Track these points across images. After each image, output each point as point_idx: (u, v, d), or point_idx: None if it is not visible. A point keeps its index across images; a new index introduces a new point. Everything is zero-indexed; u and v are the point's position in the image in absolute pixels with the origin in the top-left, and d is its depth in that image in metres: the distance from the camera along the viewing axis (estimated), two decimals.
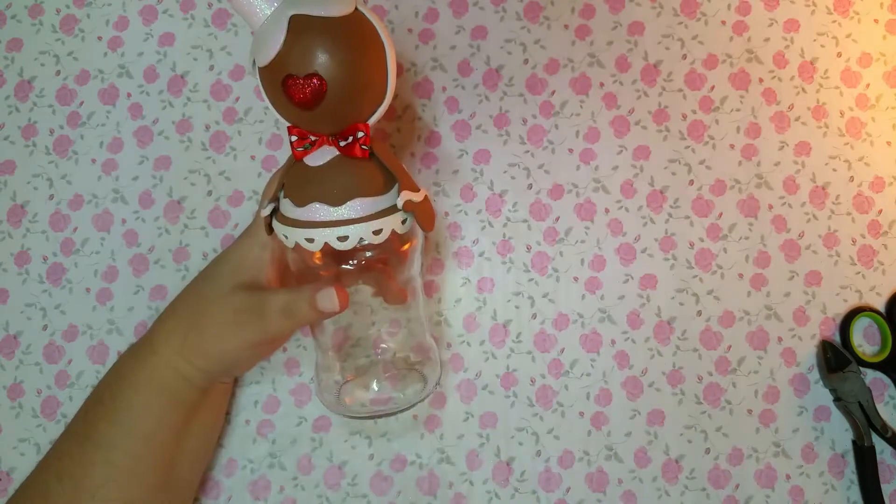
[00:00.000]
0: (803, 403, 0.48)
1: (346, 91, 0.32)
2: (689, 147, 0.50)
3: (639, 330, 0.49)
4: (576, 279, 0.49)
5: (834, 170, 0.50)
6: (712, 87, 0.51)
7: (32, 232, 0.50)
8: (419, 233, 0.39)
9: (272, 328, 0.37)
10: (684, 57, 0.51)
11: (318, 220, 0.34)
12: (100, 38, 0.52)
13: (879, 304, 0.48)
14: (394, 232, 0.35)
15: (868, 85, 0.50)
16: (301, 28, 0.32)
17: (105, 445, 0.39)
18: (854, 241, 0.49)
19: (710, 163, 0.50)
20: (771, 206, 0.49)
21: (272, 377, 0.48)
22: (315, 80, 0.32)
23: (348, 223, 0.34)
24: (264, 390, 0.48)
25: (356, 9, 0.33)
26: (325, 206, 0.34)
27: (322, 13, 0.32)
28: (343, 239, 0.34)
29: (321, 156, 0.35)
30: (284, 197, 0.36)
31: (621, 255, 0.49)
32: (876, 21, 0.51)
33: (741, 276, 0.49)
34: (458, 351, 0.49)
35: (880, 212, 0.49)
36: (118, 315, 0.49)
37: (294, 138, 0.34)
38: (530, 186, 0.50)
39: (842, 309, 0.48)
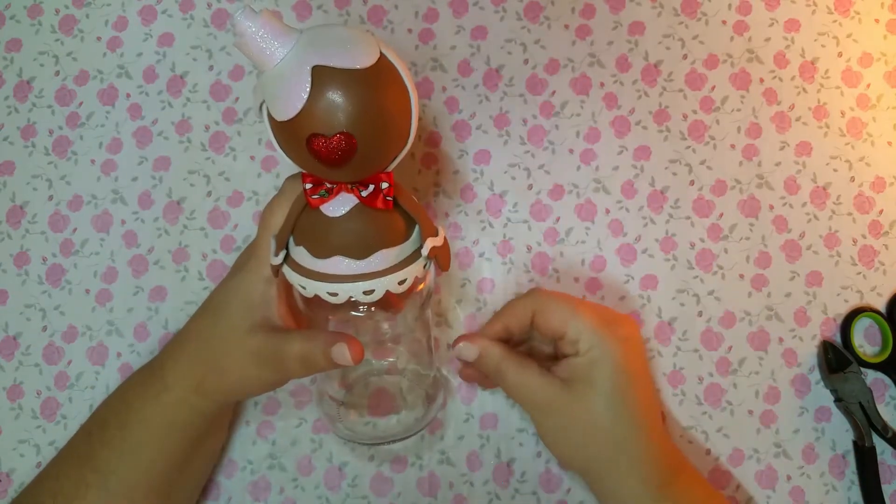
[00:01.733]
0: (804, 404, 0.48)
1: (375, 146, 0.31)
2: (689, 147, 0.50)
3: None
4: (576, 280, 0.49)
5: (835, 170, 0.50)
6: (713, 87, 0.50)
7: (32, 233, 0.50)
8: (432, 269, 0.38)
9: (290, 374, 0.38)
10: (685, 57, 0.51)
11: (341, 273, 0.33)
12: (99, 39, 0.52)
13: (880, 304, 0.48)
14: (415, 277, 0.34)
15: (869, 85, 0.50)
16: (326, 81, 0.29)
17: (103, 470, 0.39)
18: (855, 242, 0.49)
19: (710, 163, 0.50)
20: (772, 207, 0.49)
21: None
22: (344, 140, 0.29)
23: (374, 276, 0.33)
24: None
25: (381, 54, 0.30)
26: (349, 260, 0.33)
27: (349, 65, 0.29)
28: (369, 293, 0.33)
29: (340, 204, 0.33)
30: (297, 244, 0.35)
31: (622, 256, 0.49)
32: (877, 21, 0.51)
33: (742, 276, 0.49)
34: None
35: (881, 212, 0.49)
36: (117, 316, 0.49)
37: (308, 185, 0.33)
38: (531, 187, 0.50)
39: (843, 309, 0.48)
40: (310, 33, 0.30)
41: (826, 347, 0.47)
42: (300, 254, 0.34)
